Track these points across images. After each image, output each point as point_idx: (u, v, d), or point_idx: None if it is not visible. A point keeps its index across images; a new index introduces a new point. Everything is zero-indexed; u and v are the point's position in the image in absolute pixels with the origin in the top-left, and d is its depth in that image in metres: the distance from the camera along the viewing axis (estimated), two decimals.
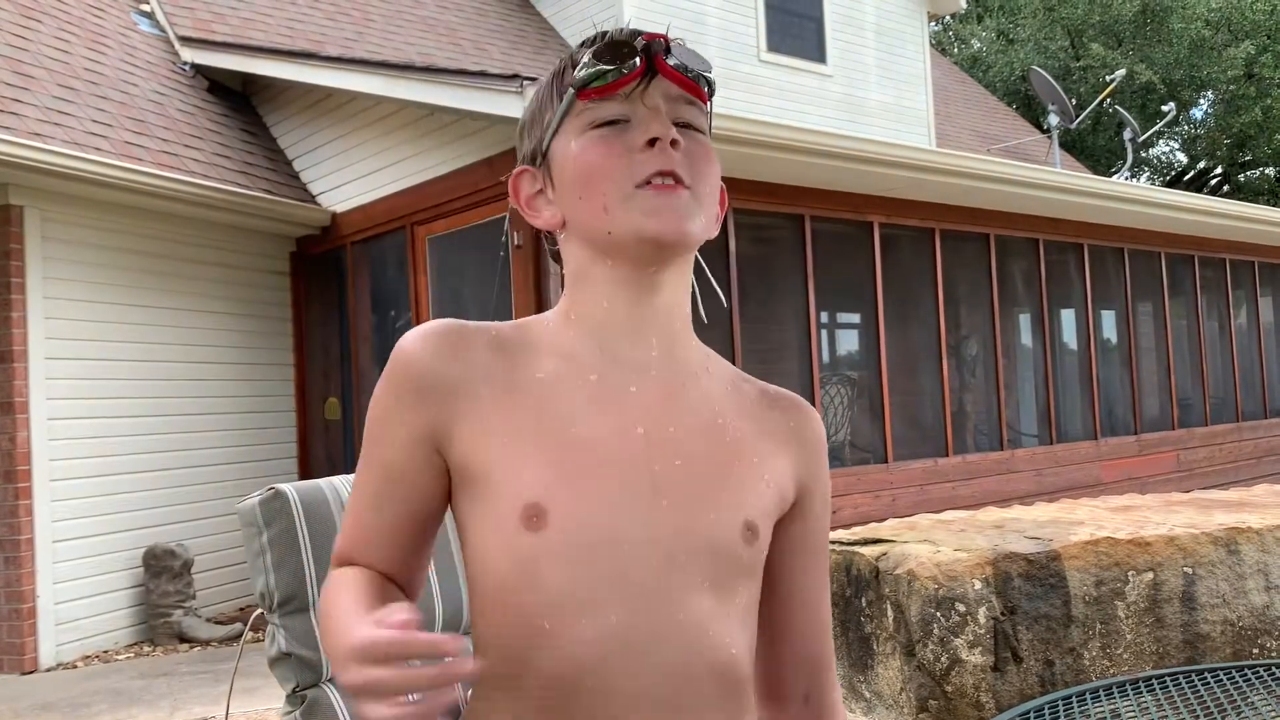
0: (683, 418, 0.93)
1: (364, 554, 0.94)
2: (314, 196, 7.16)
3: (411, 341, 0.92)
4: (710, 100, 0.97)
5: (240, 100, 7.76)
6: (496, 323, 0.96)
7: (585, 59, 0.92)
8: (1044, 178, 7.74)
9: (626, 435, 0.90)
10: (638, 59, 0.91)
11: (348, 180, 6.91)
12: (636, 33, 0.93)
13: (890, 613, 3.57)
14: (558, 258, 1.00)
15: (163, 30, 7.87)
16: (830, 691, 1.04)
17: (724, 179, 0.91)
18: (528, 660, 0.85)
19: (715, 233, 0.98)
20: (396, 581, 0.94)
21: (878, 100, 10.36)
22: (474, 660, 0.84)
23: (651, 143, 0.90)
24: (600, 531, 0.86)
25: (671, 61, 0.92)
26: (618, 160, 0.90)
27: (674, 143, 0.90)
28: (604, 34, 0.93)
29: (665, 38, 0.92)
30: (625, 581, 0.85)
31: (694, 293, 1.01)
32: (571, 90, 0.93)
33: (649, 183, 0.89)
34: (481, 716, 0.89)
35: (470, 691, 0.93)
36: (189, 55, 7.63)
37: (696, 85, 0.94)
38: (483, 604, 0.89)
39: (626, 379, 0.92)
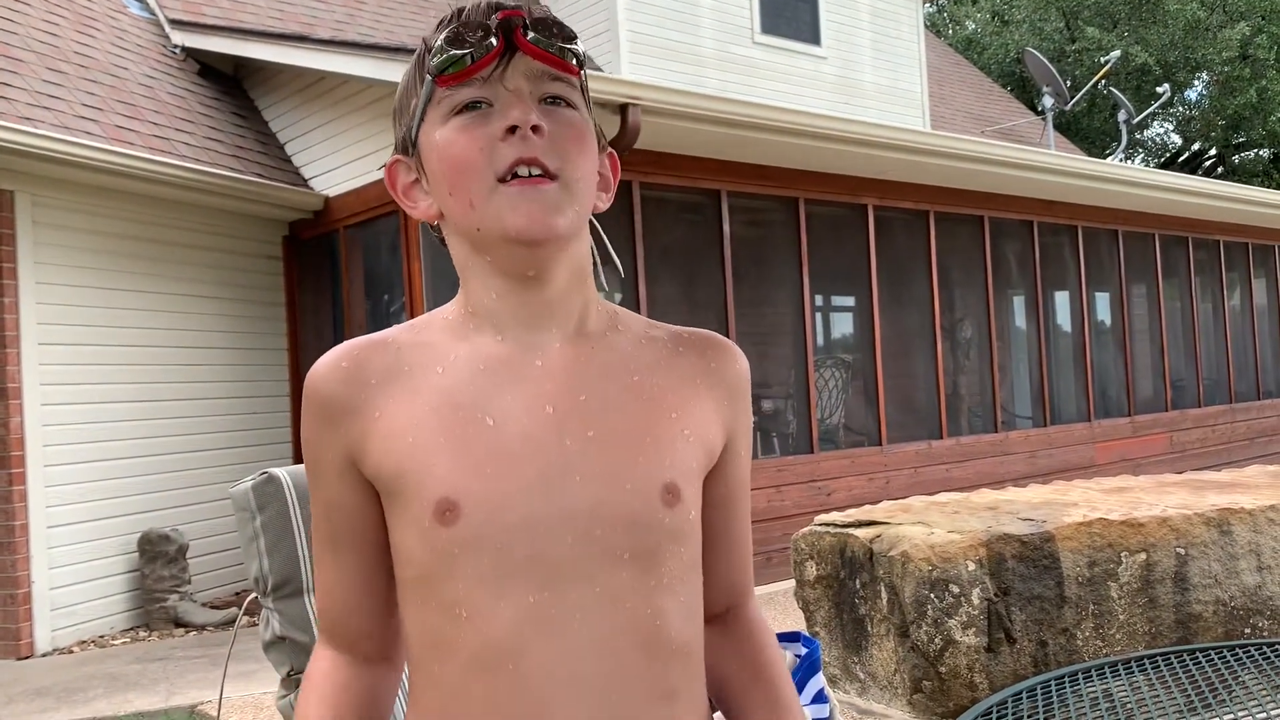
0: (593, 383, 0.91)
1: (342, 620, 0.96)
2: (306, 180, 7.13)
3: (314, 372, 0.93)
4: (582, 72, 0.92)
5: (231, 83, 7.71)
6: (394, 328, 0.96)
7: (438, 43, 0.88)
8: (1038, 160, 7.73)
9: (534, 415, 0.88)
10: (493, 38, 0.87)
11: (340, 164, 6.88)
12: (495, 7, 0.89)
13: (884, 594, 3.58)
14: (445, 244, 0.98)
15: (153, 13, 7.82)
16: (752, 613, 1.04)
17: (718, 161, 0.90)
18: (450, 647, 0.86)
19: (605, 207, 0.96)
20: (374, 645, 0.96)
21: (872, 82, 10.33)
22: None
23: (512, 130, 0.87)
24: (513, 516, 0.86)
25: (530, 36, 0.88)
26: (479, 153, 0.87)
27: (535, 128, 0.87)
28: (459, 11, 0.89)
29: (523, 12, 0.89)
30: (541, 562, 0.85)
31: (594, 261, 0.98)
32: (429, 77, 0.89)
33: (514, 175, 0.87)
34: (415, 701, 0.91)
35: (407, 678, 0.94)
36: (179, 38, 7.58)
37: (561, 59, 0.89)
38: (406, 595, 0.90)
39: (530, 356, 0.91)
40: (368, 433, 0.89)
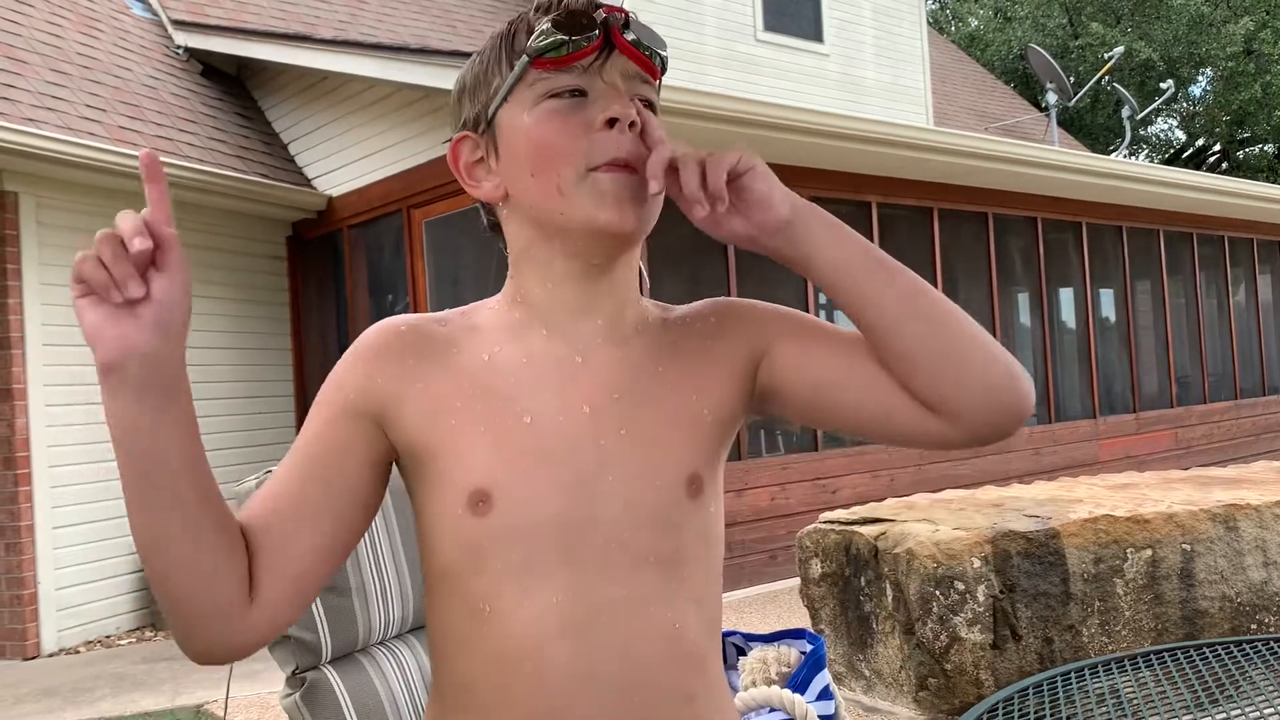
0: (628, 380, 0.91)
1: (261, 514, 0.89)
2: (309, 180, 7.14)
3: (371, 328, 0.94)
4: (661, 78, 0.94)
5: (234, 84, 7.72)
6: (448, 311, 0.97)
7: (544, 26, 0.88)
8: (1042, 156, 7.71)
9: (571, 413, 0.89)
10: (596, 31, 0.87)
11: (343, 164, 6.88)
12: (596, 3, 0.90)
13: (889, 592, 3.57)
14: (496, 229, 0.98)
15: (155, 14, 7.83)
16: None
17: None
18: (471, 642, 0.87)
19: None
20: (253, 530, 0.88)
21: (875, 79, 10.31)
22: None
23: (611, 123, 0.87)
24: (545, 513, 0.86)
25: (629, 37, 0.89)
26: (574, 140, 0.87)
27: (632, 124, 0.87)
28: (561, 1, 0.90)
29: (624, 11, 0.89)
30: (568, 562, 0.86)
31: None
32: (526, 57, 0.89)
33: (605, 166, 0.87)
34: (438, 695, 0.92)
35: (430, 667, 0.94)
36: (182, 39, 7.59)
37: (652, 63, 0.91)
38: (431, 584, 0.91)
39: (572, 353, 0.91)
40: (405, 397, 0.89)
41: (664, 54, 0.91)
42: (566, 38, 0.87)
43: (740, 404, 0.95)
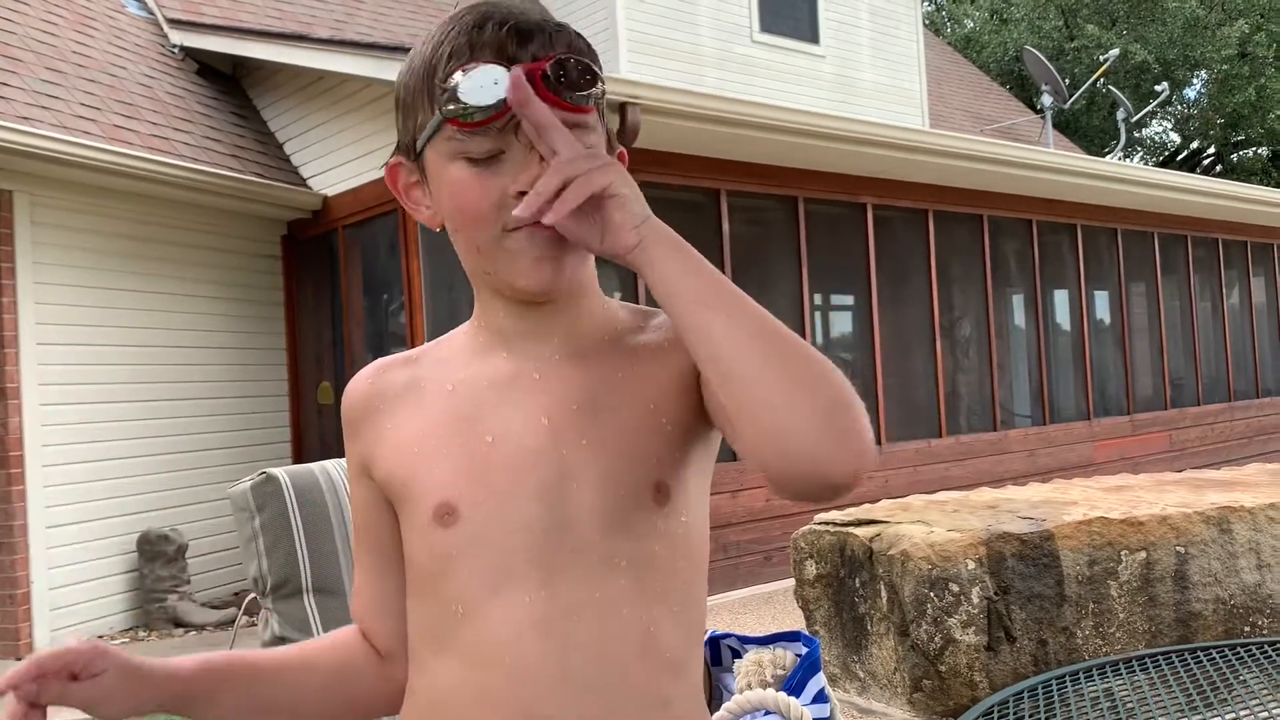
0: (585, 393, 0.92)
1: (361, 615, 1.03)
2: (305, 180, 7.12)
3: (348, 387, 1.01)
4: (599, 100, 0.90)
5: (230, 83, 7.70)
6: (424, 345, 1.02)
7: (453, 83, 0.85)
8: (1037, 158, 7.73)
9: (531, 426, 0.91)
10: (506, 94, 0.83)
11: (339, 163, 6.87)
12: (511, 42, 0.86)
13: (884, 593, 3.58)
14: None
15: (151, 12, 7.81)
16: None
17: (717, 160, 0.90)
18: (446, 642, 0.90)
19: None
20: (383, 644, 1.01)
21: (871, 81, 10.32)
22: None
23: (523, 193, 0.85)
24: (510, 521, 0.88)
25: (551, 87, 0.85)
26: (490, 208, 0.87)
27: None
28: (470, 43, 0.86)
29: (542, 64, 0.85)
30: (538, 565, 0.87)
31: None
32: (438, 114, 0.87)
33: (521, 227, 0.87)
34: (411, 693, 0.95)
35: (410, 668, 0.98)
36: (178, 37, 7.57)
37: (579, 108, 0.87)
38: (412, 595, 0.96)
39: (530, 369, 0.94)
40: (379, 443, 0.96)
41: (594, 90, 0.88)
42: (475, 105, 0.84)
43: (695, 416, 0.94)
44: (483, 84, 0.85)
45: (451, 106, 0.86)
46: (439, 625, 0.90)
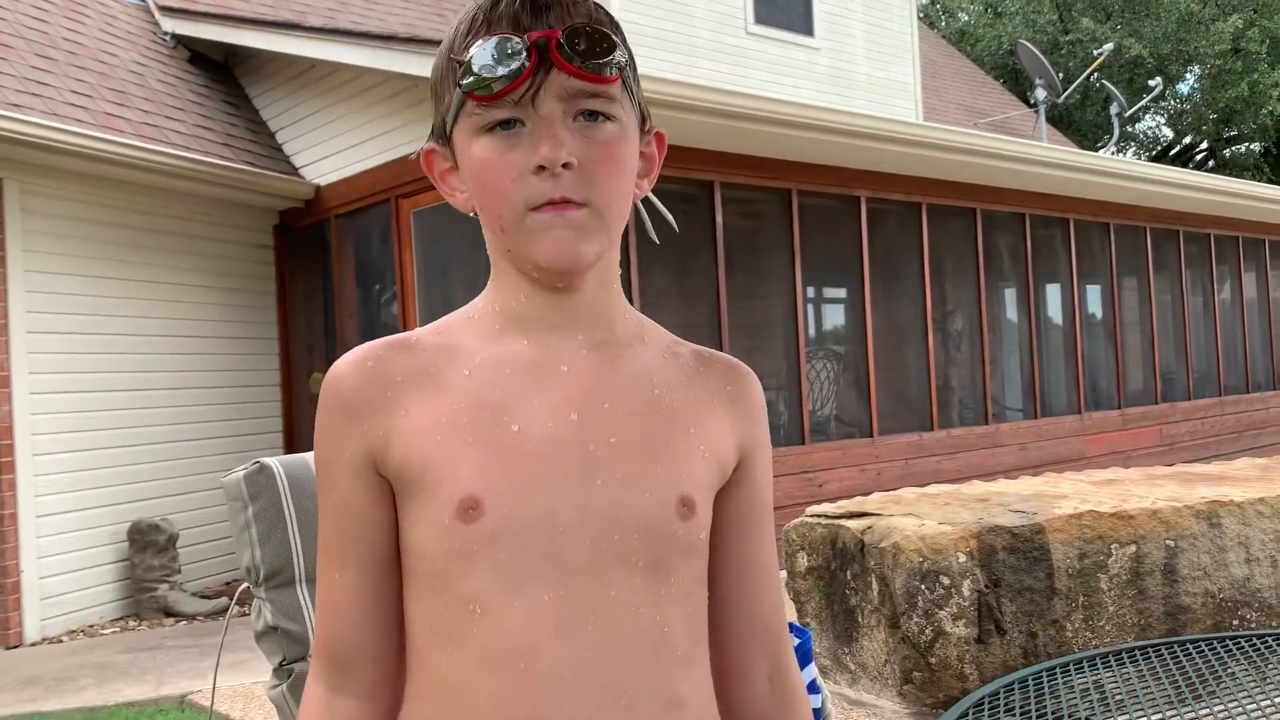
0: (617, 392, 0.92)
1: (345, 642, 0.93)
2: (297, 169, 7.10)
3: (336, 369, 0.92)
4: (624, 76, 0.90)
5: (222, 71, 7.67)
6: (419, 329, 0.96)
7: (468, 57, 0.86)
8: (1030, 152, 7.73)
9: (559, 419, 0.89)
10: (525, 58, 0.85)
11: (331, 153, 6.85)
12: (523, 27, 0.86)
13: (875, 585, 3.59)
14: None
15: (142, 0, 7.77)
16: (792, 671, 1.03)
17: (711, 152, 0.90)
18: (459, 642, 0.86)
19: (644, 193, 0.97)
20: (376, 675, 0.93)
21: (865, 74, 10.31)
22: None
23: (542, 167, 0.86)
24: (533, 516, 0.86)
25: (565, 54, 0.85)
26: (510, 183, 0.87)
27: (566, 164, 0.86)
28: (487, 16, 0.87)
29: (557, 31, 0.85)
30: (558, 562, 0.86)
31: (644, 220, 0.98)
32: (459, 90, 0.88)
33: (542, 206, 0.87)
34: (416, 693, 0.91)
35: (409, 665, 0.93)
36: (169, 25, 7.53)
37: (598, 76, 0.87)
38: (418, 588, 0.90)
39: (557, 361, 0.91)
40: (393, 429, 0.89)
41: (615, 59, 0.88)
42: (490, 76, 0.85)
43: (730, 462, 0.97)
44: (496, 54, 0.85)
45: (468, 80, 0.86)
46: (451, 625, 0.87)
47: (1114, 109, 14.15)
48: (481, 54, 0.85)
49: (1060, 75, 16.99)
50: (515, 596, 0.85)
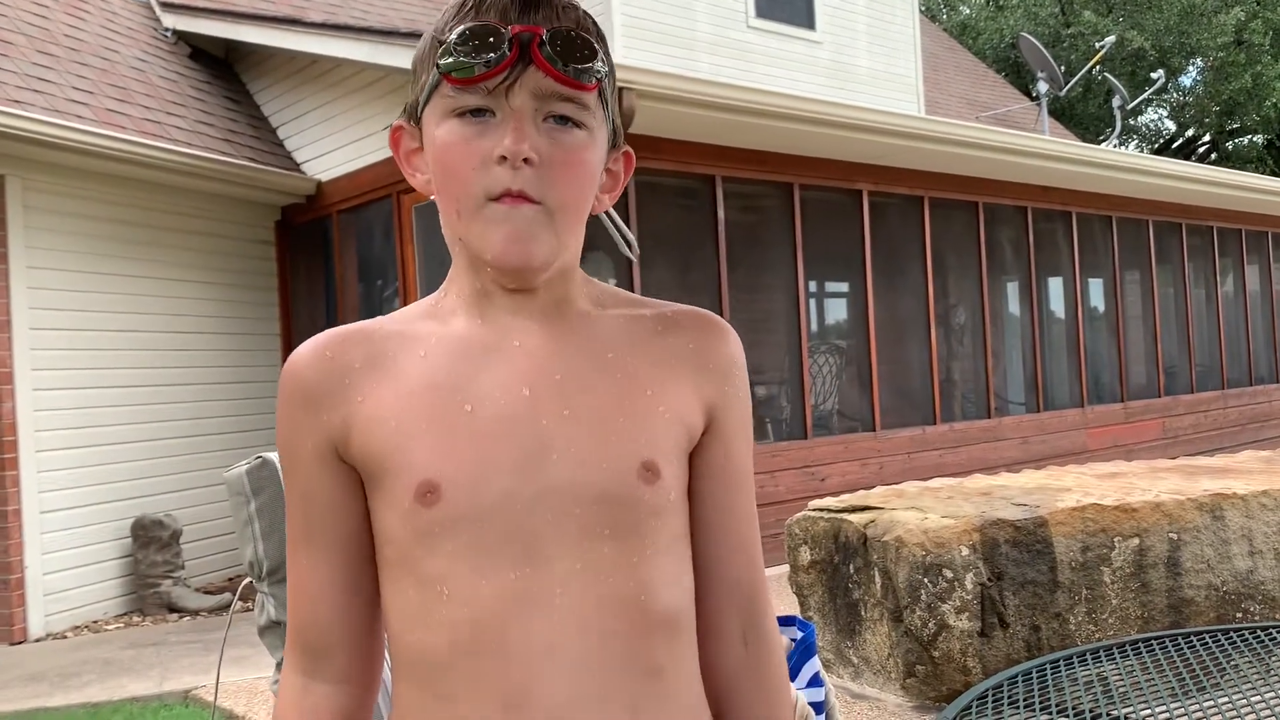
0: (569, 363, 0.92)
1: (317, 628, 0.94)
2: (298, 165, 7.10)
3: (294, 359, 0.93)
4: (601, 87, 0.90)
5: (223, 67, 7.67)
6: (378, 319, 0.97)
7: (450, 39, 0.86)
8: (1033, 145, 7.72)
9: (511, 396, 0.89)
10: (506, 48, 0.85)
11: (333, 148, 6.85)
12: (509, 19, 0.87)
13: (878, 579, 3.59)
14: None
15: None
16: (769, 633, 1.02)
17: (713, 146, 0.89)
18: (432, 625, 0.87)
19: (603, 208, 0.97)
20: (351, 659, 0.95)
21: (867, 67, 10.30)
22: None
23: (504, 158, 0.86)
24: (490, 497, 0.87)
25: (546, 53, 0.86)
26: (472, 170, 0.87)
27: (526, 159, 0.86)
28: (475, 9, 0.88)
29: (540, 29, 0.86)
30: (519, 539, 0.86)
31: (616, 234, 0.97)
32: (436, 70, 0.88)
33: (501, 197, 0.87)
34: (399, 677, 0.91)
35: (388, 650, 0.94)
36: (170, 21, 7.53)
37: (574, 80, 0.87)
38: (389, 572, 0.91)
39: (508, 338, 0.92)
40: (352, 416, 0.90)
41: (595, 68, 0.88)
42: (470, 60, 0.85)
43: (696, 424, 0.95)
44: (478, 40, 0.85)
45: (447, 60, 0.86)
46: (421, 607, 0.87)
47: (1116, 102, 14.13)
48: (464, 38, 0.86)
49: (1062, 68, 16.96)
50: (480, 577, 0.86)
